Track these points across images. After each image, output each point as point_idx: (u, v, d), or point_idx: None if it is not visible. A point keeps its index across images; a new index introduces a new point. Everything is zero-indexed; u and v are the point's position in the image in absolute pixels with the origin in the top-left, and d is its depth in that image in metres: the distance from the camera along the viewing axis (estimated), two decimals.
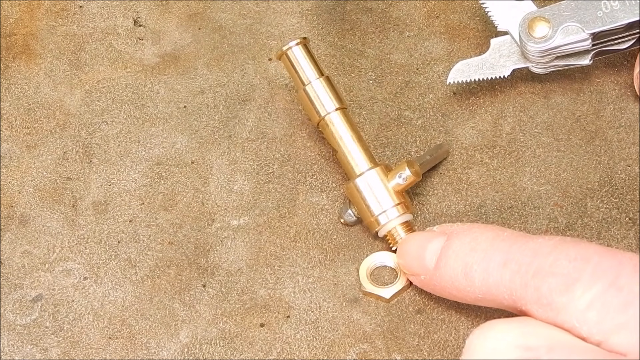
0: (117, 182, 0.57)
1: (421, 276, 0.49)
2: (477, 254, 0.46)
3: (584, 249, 0.43)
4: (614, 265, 0.41)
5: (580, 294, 0.41)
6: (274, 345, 0.51)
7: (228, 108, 0.60)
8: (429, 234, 0.50)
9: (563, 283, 0.42)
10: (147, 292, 0.53)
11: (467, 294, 0.46)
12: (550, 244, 0.44)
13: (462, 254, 0.46)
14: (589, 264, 0.42)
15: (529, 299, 0.43)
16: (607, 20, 0.54)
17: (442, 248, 0.48)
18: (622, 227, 0.54)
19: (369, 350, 0.51)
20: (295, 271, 0.54)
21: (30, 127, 0.60)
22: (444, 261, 0.47)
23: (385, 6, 0.64)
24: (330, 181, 0.57)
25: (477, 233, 0.47)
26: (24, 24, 0.64)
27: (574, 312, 0.41)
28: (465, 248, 0.46)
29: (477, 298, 0.46)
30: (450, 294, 0.48)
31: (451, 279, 0.47)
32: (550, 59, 0.56)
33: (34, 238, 0.55)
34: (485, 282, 0.45)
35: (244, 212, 0.56)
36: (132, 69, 0.62)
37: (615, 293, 0.41)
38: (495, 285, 0.45)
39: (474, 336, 0.43)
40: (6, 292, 0.54)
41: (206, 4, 0.65)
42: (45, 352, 0.52)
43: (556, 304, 0.42)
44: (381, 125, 0.59)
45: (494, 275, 0.45)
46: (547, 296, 0.42)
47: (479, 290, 0.45)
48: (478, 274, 0.45)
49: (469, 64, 0.57)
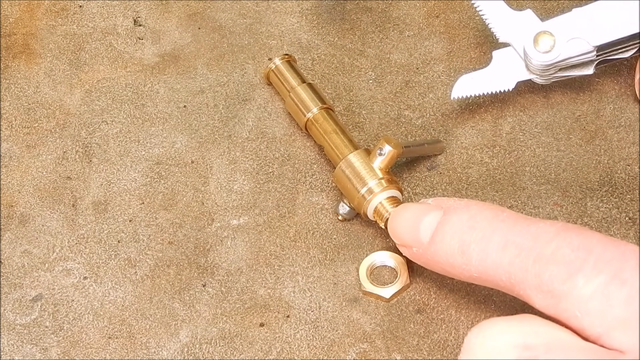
0: (117, 181, 0.57)
1: (413, 249, 0.48)
2: (476, 232, 0.45)
3: (587, 238, 0.42)
4: (617, 256, 0.41)
5: (582, 283, 0.41)
6: (274, 344, 0.51)
7: (228, 108, 0.60)
8: (424, 206, 0.49)
9: (565, 271, 0.41)
10: (147, 291, 0.53)
11: (462, 271, 0.46)
12: (552, 229, 0.43)
13: (459, 231, 0.46)
14: (591, 254, 0.41)
15: (528, 284, 0.43)
16: (612, 33, 0.54)
17: (438, 223, 0.47)
18: (622, 226, 0.54)
19: (369, 350, 0.51)
20: (295, 271, 0.54)
21: (30, 127, 0.60)
22: (440, 236, 0.47)
23: (385, 6, 0.64)
24: (330, 181, 0.57)
25: (475, 211, 0.46)
26: (23, 23, 0.64)
27: (575, 302, 0.41)
28: (463, 225, 0.46)
29: (472, 276, 0.46)
30: (443, 269, 0.47)
31: (446, 255, 0.46)
32: (554, 70, 0.56)
33: (34, 238, 0.55)
34: (482, 263, 0.44)
35: (244, 211, 0.56)
36: (132, 68, 0.62)
37: (618, 286, 0.40)
38: (493, 267, 0.44)
39: (473, 335, 0.42)
40: (6, 292, 0.54)
41: (206, 4, 0.65)
42: (45, 352, 0.52)
43: (557, 292, 0.41)
44: (381, 125, 0.59)
45: (493, 256, 0.44)
46: (548, 283, 0.42)
47: (475, 270, 0.45)
48: (476, 254, 0.45)
49: (472, 78, 0.57)
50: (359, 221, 0.55)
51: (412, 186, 0.56)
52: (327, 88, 0.60)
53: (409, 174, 0.57)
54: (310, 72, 0.61)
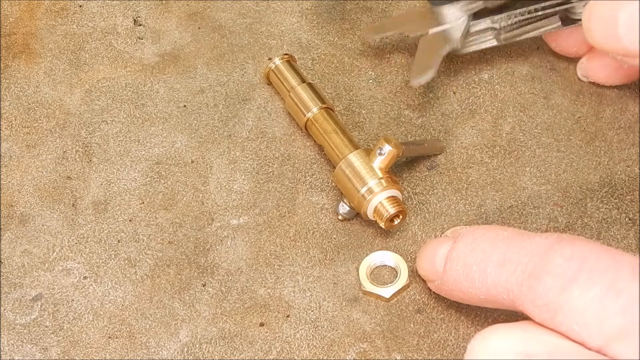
0: (117, 181, 0.57)
1: (435, 282, 0.50)
2: (477, 254, 0.46)
3: (581, 248, 0.42)
4: (612, 266, 0.41)
5: (578, 294, 0.41)
6: (274, 344, 0.51)
7: (228, 107, 0.60)
8: (440, 239, 0.50)
9: (559, 283, 0.41)
10: (147, 291, 0.53)
11: (471, 295, 0.46)
12: (547, 242, 0.43)
13: (463, 255, 0.46)
14: (585, 264, 0.41)
15: (524, 299, 0.43)
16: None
17: (448, 252, 0.48)
18: (622, 227, 0.54)
19: (369, 350, 0.51)
20: (295, 270, 0.54)
21: (30, 127, 0.60)
22: (449, 264, 0.47)
23: (385, 5, 0.64)
24: (330, 181, 0.57)
25: (479, 234, 0.46)
26: (23, 23, 0.64)
27: (571, 315, 0.41)
28: (466, 249, 0.46)
29: (480, 299, 0.46)
30: (458, 296, 0.48)
31: (455, 281, 0.47)
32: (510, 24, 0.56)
33: (34, 237, 0.55)
34: (484, 283, 0.45)
35: (244, 211, 0.56)
36: (132, 68, 0.62)
37: (614, 297, 0.40)
38: (493, 286, 0.44)
39: (475, 341, 0.43)
40: (6, 292, 0.54)
41: (206, 4, 0.65)
42: (45, 352, 0.52)
43: (553, 305, 0.41)
44: (381, 125, 0.59)
45: (492, 275, 0.44)
46: (542, 296, 0.42)
47: (480, 292, 0.45)
48: (477, 275, 0.45)
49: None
50: (359, 221, 0.55)
51: (412, 186, 0.56)
52: (327, 88, 0.60)
53: (409, 174, 0.57)
54: (310, 71, 0.61)
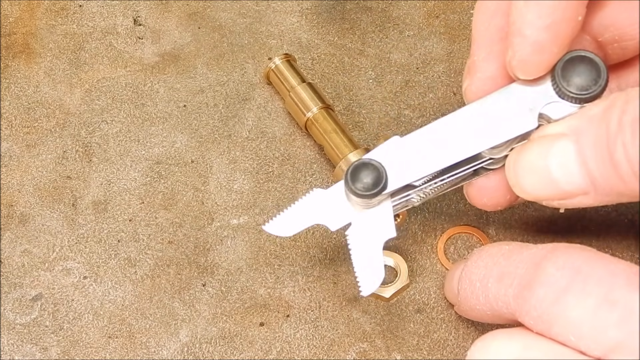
0: (117, 181, 0.57)
1: (455, 305, 0.50)
2: (480, 270, 0.46)
3: (574, 257, 0.41)
4: (606, 276, 0.40)
5: (572, 305, 0.40)
6: (274, 344, 0.51)
7: (228, 107, 0.60)
8: (459, 262, 0.50)
9: (552, 293, 0.41)
10: (147, 291, 0.53)
11: (480, 312, 0.46)
12: (542, 253, 0.43)
13: (469, 273, 0.47)
14: (579, 274, 0.41)
15: (520, 310, 0.42)
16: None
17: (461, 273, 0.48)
18: (621, 229, 0.54)
19: (369, 350, 0.51)
20: (295, 270, 0.54)
21: (30, 126, 0.60)
22: (460, 284, 0.48)
23: (385, 5, 0.64)
24: (329, 180, 0.57)
25: (484, 251, 0.46)
26: (23, 23, 0.64)
27: (567, 326, 0.40)
28: (472, 268, 0.46)
29: (487, 316, 0.46)
30: (471, 315, 0.48)
31: (465, 299, 0.47)
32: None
33: (34, 237, 0.55)
34: (487, 299, 0.45)
35: (244, 211, 0.56)
36: (132, 68, 0.62)
37: (609, 308, 0.39)
38: (494, 301, 0.44)
39: (476, 348, 0.42)
40: (6, 291, 0.54)
41: (206, 3, 0.65)
42: (45, 351, 0.52)
43: (547, 316, 0.41)
44: (381, 124, 0.59)
45: (492, 290, 0.44)
46: (537, 307, 0.41)
47: (486, 307, 0.45)
48: (480, 291, 0.45)
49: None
50: None
51: None
52: (327, 87, 0.60)
53: None
54: (310, 71, 0.61)
